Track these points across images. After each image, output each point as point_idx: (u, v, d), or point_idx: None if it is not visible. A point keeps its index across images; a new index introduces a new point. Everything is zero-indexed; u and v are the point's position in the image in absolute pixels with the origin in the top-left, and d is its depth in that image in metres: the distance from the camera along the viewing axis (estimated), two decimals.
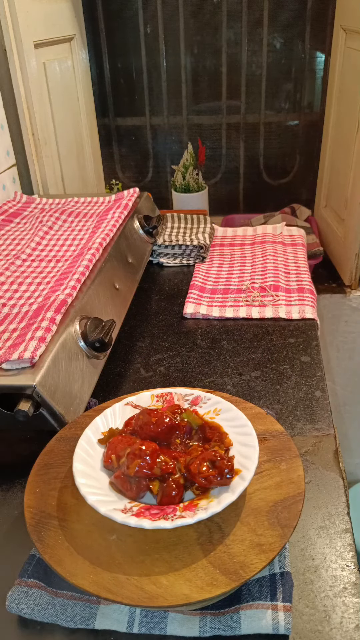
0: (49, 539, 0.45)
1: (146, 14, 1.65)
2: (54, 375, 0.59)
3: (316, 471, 0.59)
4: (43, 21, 1.29)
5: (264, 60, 1.69)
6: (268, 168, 1.86)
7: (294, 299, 0.93)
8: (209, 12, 1.64)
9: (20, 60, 1.17)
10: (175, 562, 0.43)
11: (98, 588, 0.41)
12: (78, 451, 0.50)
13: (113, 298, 0.80)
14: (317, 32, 1.65)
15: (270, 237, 1.17)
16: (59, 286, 0.72)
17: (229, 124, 1.80)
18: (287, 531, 0.44)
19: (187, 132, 1.82)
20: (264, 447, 0.52)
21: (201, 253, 1.10)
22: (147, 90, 1.76)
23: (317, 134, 1.77)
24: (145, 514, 0.44)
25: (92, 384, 0.67)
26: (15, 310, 0.71)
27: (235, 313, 0.91)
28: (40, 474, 0.52)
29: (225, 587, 0.41)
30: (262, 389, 0.73)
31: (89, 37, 1.67)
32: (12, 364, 0.58)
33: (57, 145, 1.40)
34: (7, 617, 0.46)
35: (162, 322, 0.91)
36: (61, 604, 0.45)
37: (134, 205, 1.04)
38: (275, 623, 0.43)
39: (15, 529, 0.55)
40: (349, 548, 0.50)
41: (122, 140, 1.86)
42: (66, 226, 0.97)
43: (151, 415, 0.51)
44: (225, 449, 0.50)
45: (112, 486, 0.48)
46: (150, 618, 0.44)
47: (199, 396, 0.58)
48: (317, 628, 0.44)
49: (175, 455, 0.49)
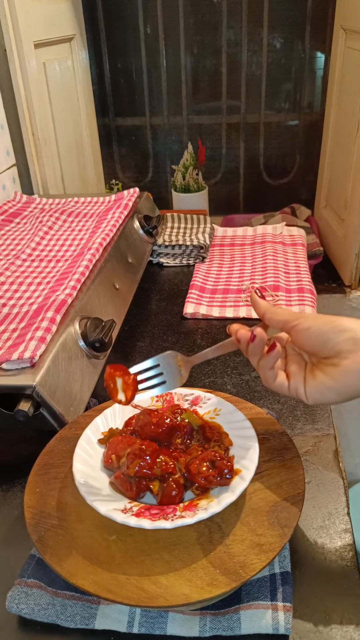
0: (49, 539, 0.45)
1: (146, 14, 1.65)
2: (54, 375, 0.59)
3: (316, 471, 0.59)
4: (43, 21, 1.29)
5: (264, 60, 1.69)
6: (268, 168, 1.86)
7: (294, 299, 0.93)
8: (209, 12, 1.64)
9: (20, 60, 1.17)
10: (175, 562, 0.43)
11: (98, 588, 0.41)
12: (78, 451, 0.50)
13: (113, 298, 0.80)
14: (317, 32, 1.65)
15: (270, 237, 1.17)
16: (59, 286, 0.72)
17: (229, 124, 1.80)
18: (287, 531, 0.44)
19: (187, 132, 1.82)
20: (264, 447, 0.52)
21: (201, 253, 1.10)
22: (147, 90, 1.76)
23: (317, 134, 1.77)
24: (145, 514, 0.44)
25: (92, 384, 0.67)
26: (15, 310, 0.71)
27: (235, 313, 0.91)
28: (40, 474, 0.52)
29: (225, 587, 0.41)
30: (262, 389, 0.73)
31: (89, 37, 1.67)
32: (12, 364, 0.58)
33: (57, 145, 1.40)
34: (7, 617, 0.46)
35: (162, 322, 0.91)
36: (61, 604, 0.45)
37: (134, 205, 1.04)
38: (275, 623, 0.43)
39: (15, 529, 0.55)
40: (349, 548, 0.50)
41: (122, 140, 1.86)
42: (66, 226, 0.97)
43: (152, 415, 0.51)
44: (225, 449, 0.50)
45: (112, 486, 0.48)
46: (150, 618, 0.44)
47: (199, 396, 0.58)
48: (317, 628, 0.44)
49: (175, 455, 0.49)
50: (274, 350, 0.48)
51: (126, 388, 0.49)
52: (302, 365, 0.50)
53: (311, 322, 0.47)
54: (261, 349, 0.49)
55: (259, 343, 0.49)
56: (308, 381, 0.48)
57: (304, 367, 0.50)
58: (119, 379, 0.49)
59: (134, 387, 0.50)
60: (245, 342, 0.49)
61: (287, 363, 0.51)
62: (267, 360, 0.49)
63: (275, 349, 0.48)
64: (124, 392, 0.50)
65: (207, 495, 0.46)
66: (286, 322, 0.48)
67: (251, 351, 0.49)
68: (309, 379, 0.48)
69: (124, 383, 0.49)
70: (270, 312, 0.49)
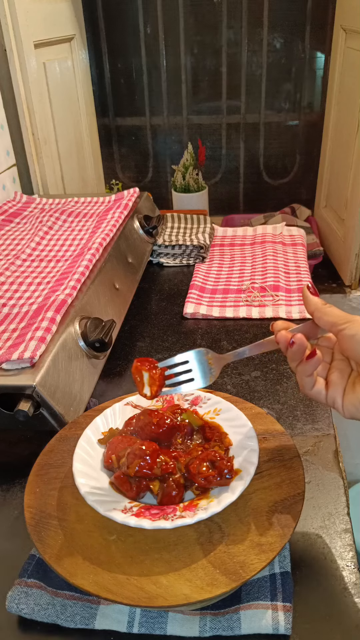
0: (49, 539, 0.45)
1: (146, 14, 1.65)
2: (54, 375, 0.59)
3: (316, 471, 0.59)
4: (43, 21, 1.29)
5: (264, 60, 1.69)
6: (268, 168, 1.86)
7: (294, 299, 0.93)
8: (209, 12, 1.64)
9: (20, 60, 1.17)
10: (175, 562, 0.43)
11: (98, 588, 0.41)
12: (78, 451, 0.50)
13: (113, 298, 0.80)
14: (317, 32, 1.65)
15: (270, 237, 1.17)
16: (59, 286, 0.72)
17: (229, 124, 1.80)
18: (287, 531, 0.44)
19: (187, 132, 1.82)
20: (264, 447, 0.52)
21: (201, 253, 1.10)
22: (147, 90, 1.76)
23: (317, 134, 1.77)
24: (145, 514, 0.44)
25: (92, 384, 0.67)
26: (15, 310, 0.71)
27: (235, 313, 0.91)
28: (40, 474, 0.52)
29: (225, 587, 0.41)
30: (262, 389, 0.73)
31: (89, 37, 1.67)
32: (12, 364, 0.58)
33: (57, 145, 1.40)
34: (7, 617, 0.46)
35: (162, 322, 0.91)
36: (61, 604, 0.45)
37: (134, 205, 1.04)
38: (275, 623, 0.43)
39: (15, 529, 0.55)
40: (349, 548, 0.50)
41: (122, 140, 1.86)
42: (66, 226, 0.97)
43: (152, 416, 0.51)
44: (225, 449, 0.50)
45: (112, 486, 0.48)
46: (150, 618, 0.44)
47: (199, 396, 0.58)
48: (317, 628, 0.44)
49: (175, 455, 0.49)
50: (314, 358, 0.45)
51: (152, 382, 0.49)
52: (345, 374, 0.47)
53: (358, 329, 0.43)
54: (301, 355, 0.46)
55: (298, 349, 0.45)
56: (347, 394, 0.45)
57: (347, 377, 0.47)
58: (146, 373, 0.49)
59: (160, 382, 0.49)
60: (285, 345, 0.46)
61: (330, 369, 0.48)
62: (306, 367, 0.46)
63: (315, 357, 0.45)
64: (149, 387, 0.49)
65: (207, 495, 0.46)
66: (334, 324, 0.45)
67: (290, 356, 0.46)
68: (349, 391, 0.45)
69: (151, 377, 0.49)
70: (319, 311, 0.46)
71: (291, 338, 0.46)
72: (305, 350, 0.46)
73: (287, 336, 0.46)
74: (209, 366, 0.51)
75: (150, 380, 0.49)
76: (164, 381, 0.49)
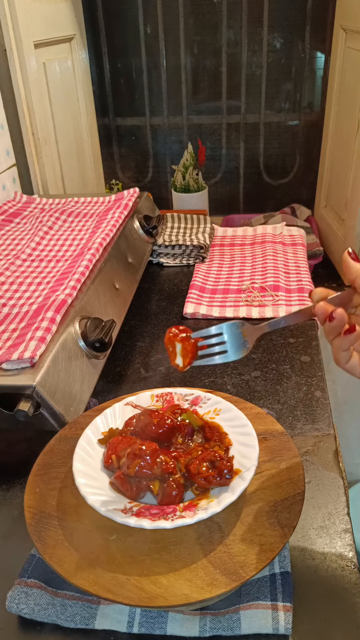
0: (49, 539, 0.45)
1: (146, 14, 1.65)
2: (54, 375, 0.59)
3: (316, 471, 0.59)
4: (43, 21, 1.29)
5: (264, 60, 1.69)
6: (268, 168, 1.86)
7: (293, 299, 0.93)
8: (209, 12, 1.64)
9: (20, 60, 1.17)
10: (175, 562, 0.43)
11: (98, 588, 0.41)
12: (78, 451, 0.50)
13: (113, 298, 0.80)
14: (317, 32, 1.65)
15: (270, 237, 1.17)
16: (59, 286, 0.72)
17: (229, 124, 1.80)
18: (287, 531, 0.44)
19: (187, 132, 1.82)
20: (264, 447, 0.52)
21: (201, 253, 1.10)
22: (147, 90, 1.76)
23: (317, 134, 1.77)
24: (145, 514, 0.44)
25: (92, 384, 0.67)
26: (15, 310, 0.71)
27: (235, 313, 0.91)
28: (40, 474, 0.52)
29: (225, 587, 0.41)
30: (262, 389, 0.73)
31: (89, 37, 1.67)
32: (12, 364, 0.58)
33: (57, 145, 1.40)
34: (7, 617, 0.46)
35: (162, 322, 0.91)
36: (61, 604, 0.45)
37: (134, 205, 1.04)
38: (275, 623, 0.43)
39: (15, 529, 0.55)
40: (349, 548, 0.50)
41: (122, 140, 1.86)
42: (66, 226, 0.97)
43: (152, 416, 0.51)
44: (225, 449, 0.50)
45: (112, 486, 0.48)
46: (150, 618, 0.44)
47: (199, 396, 0.58)
48: (317, 628, 0.44)
49: (175, 455, 0.48)
50: (353, 334, 0.43)
51: (185, 354, 0.48)
52: None
53: None
54: (339, 329, 0.44)
55: (338, 324, 0.43)
56: None
57: None
58: (179, 343, 0.48)
59: (193, 353, 0.48)
60: (324, 318, 0.44)
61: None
62: (343, 342, 0.44)
63: (354, 332, 0.43)
64: (182, 358, 0.48)
65: (207, 495, 0.46)
66: None
67: (327, 329, 0.44)
68: None
69: (183, 348, 0.48)
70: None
71: (331, 312, 0.44)
72: (344, 325, 0.44)
73: (326, 309, 0.44)
74: (244, 338, 0.49)
75: (183, 352, 0.48)
76: (196, 352, 0.49)
